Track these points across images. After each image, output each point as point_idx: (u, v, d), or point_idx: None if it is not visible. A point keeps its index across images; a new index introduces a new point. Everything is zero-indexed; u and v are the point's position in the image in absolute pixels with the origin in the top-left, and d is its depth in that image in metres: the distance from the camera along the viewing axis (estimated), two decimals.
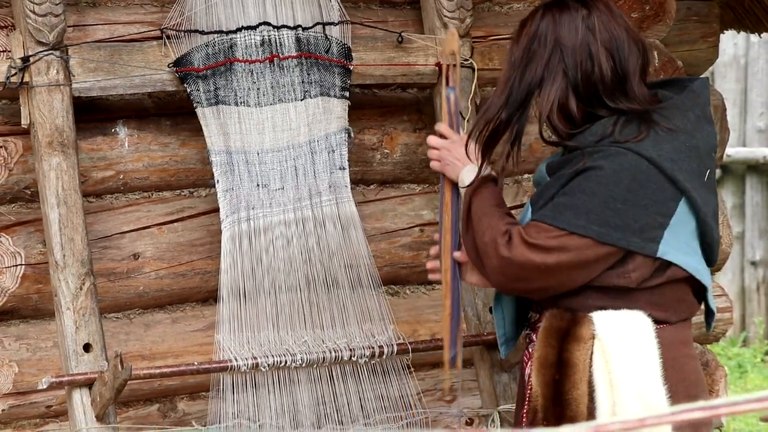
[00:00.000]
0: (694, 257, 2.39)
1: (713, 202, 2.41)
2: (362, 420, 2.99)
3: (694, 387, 2.44)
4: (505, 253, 2.33)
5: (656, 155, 2.29)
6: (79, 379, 2.69)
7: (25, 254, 2.91)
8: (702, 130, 2.38)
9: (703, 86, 2.44)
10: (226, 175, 2.90)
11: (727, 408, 1.06)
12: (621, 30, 2.35)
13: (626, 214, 2.28)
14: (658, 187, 2.30)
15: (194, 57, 2.90)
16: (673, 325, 2.43)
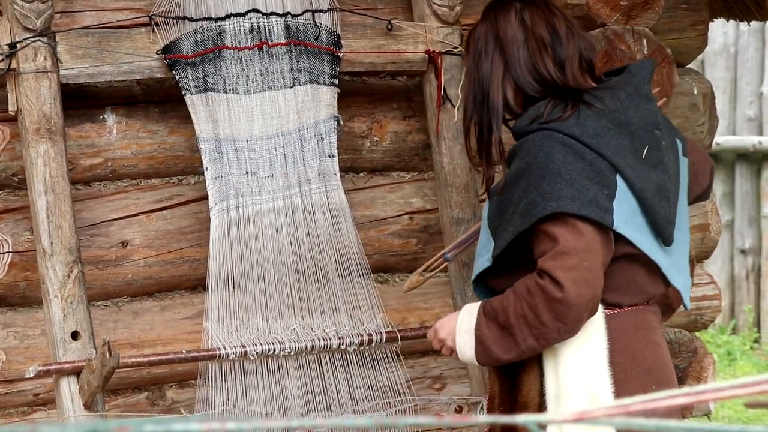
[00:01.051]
0: (640, 233, 2.40)
1: (656, 178, 2.41)
2: (351, 407, 2.99)
3: (650, 373, 2.43)
4: (557, 294, 2.30)
5: (579, 132, 2.35)
6: (66, 367, 2.69)
7: (12, 242, 2.90)
8: (635, 107, 2.42)
9: (641, 66, 2.51)
10: (215, 163, 2.89)
11: (712, 394, 1.06)
12: (557, 20, 2.47)
13: (575, 185, 2.32)
14: (594, 159, 2.34)
15: (183, 44, 2.88)
16: (626, 309, 2.44)
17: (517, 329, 2.36)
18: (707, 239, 3.58)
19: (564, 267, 2.30)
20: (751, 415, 6.07)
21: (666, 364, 2.50)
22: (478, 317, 2.43)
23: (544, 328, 2.33)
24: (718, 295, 3.65)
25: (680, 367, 3.18)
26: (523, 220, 2.36)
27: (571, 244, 2.30)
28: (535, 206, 2.33)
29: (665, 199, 2.43)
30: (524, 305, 2.34)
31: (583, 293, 2.29)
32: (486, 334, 2.41)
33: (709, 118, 3.50)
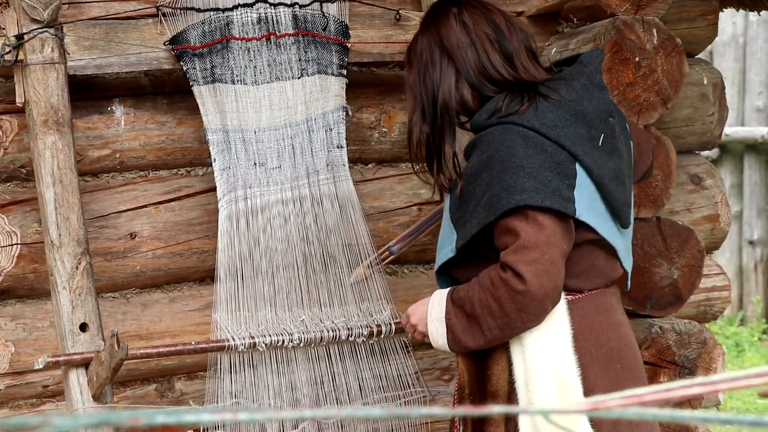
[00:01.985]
0: (600, 218, 2.46)
1: (613, 164, 2.47)
2: (360, 399, 2.99)
3: (614, 353, 2.48)
4: (519, 287, 2.35)
5: (538, 124, 2.40)
6: (75, 359, 2.68)
7: (20, 233, 2.90)
8: (590, 97, 2.47)
9: (592, 56, 2.55)
10: (223, 154, 2.89)
11: (726, 384, 1.05)
12: (496, 17, 2.52)
13: (538, 178, 2.36)
14: (554, 150, 2.39)
15: (190, 35, 2.87)
16: (587, 293, 2.50)
17: (483, 319, 2.42)
18: (717, 230, 3.57)
19: (526, 261, 2.35)
20: (760, 407, 6.06)
21: (630, 342, 2.56)
22: (447, 305, 2.49)
23: (509, 318, 2.39)
24: (728, 286, 3.64)
25: (690, 358, 3.17)
26: (488, 213, 2.40)
27: (532, 238, 2.35)
28: (499, 199, 2.38)
29: (621, 184, 2.49)
30: (488, 296, 2.40)
31: (544, 285, 2.35)
32: (455, 323, 2.47)
33: (719, 108, 3.48)
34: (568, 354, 2.41)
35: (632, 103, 3.10)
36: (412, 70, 2.56)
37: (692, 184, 3.53)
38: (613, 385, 2.45)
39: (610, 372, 2.46)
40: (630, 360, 2.53)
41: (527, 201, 2.35)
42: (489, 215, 2.40)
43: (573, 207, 2.39)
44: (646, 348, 3.13)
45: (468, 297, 2.44)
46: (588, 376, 2.43)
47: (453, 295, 2.49)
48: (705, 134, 3.50)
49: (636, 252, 3.15)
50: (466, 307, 2.44)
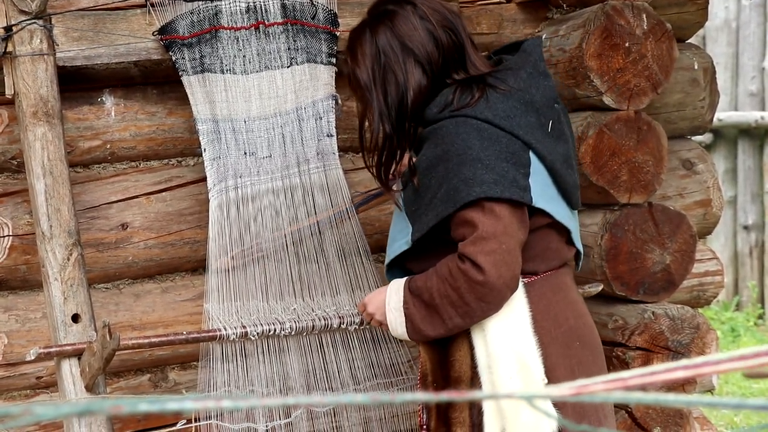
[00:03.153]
0: (553, 202, 2.51)
1: (562, 149, 2.53)
2: (353, 387, 2.99)
3: (573, 332, 2.53)
4: (479, 277, 2.39)
5: (492, 116, 2.42)
6: (67, 350, 2.68)
7: (12, 225, 2.90)
8: (536, 85, 2.50)
9: (534, 45, 2.58)
10: (213, 144, 2.88)
11: (710, 367, 1.05)
12: (444, 9, 2.52)
13: (495, 170, 2.39)
14: (508, 140, 2.42)
15: (179, 24, 2.87)
16: (542, 275, 2.54)
17: (443, 309, 2.45)
18: (709, 215, 3.57)
19: (484, 251, 2.38)
20: (756, 391, 6.07)
21: (587, 320, 2.61)
22: (405, 294, 2.51)
23: (469, 307, 2.42)
24: (721, 270, 3.64)
25: (683, 343, 3.17)
26: (446, 205, 2.42)
27: (490, 229, 2.38)
28: (458, 192, 2.40)
29: (570, 167, 2.55)
30: (447, 287, 2.42)
31: (503, 275, 2.39)
32: (414, 313, 2.49)
33: (710, 93, 3.48)
34: (528, 336, 2.46)
35: (622, 89, 3.10)
36: (362, 69, 2.52)
37: (684, 169, 3.53)
38: (574, 363, 2.51)
39: (570, 350, 2.51)
40: (588, 337, 2.58)
41: (487, 193, 2.38)
42: (448, 207, 2.42)
43: (529, 195, 2.43)
44: (639, 333, 3.14)
45: (426, 287, 2.47)
46: (549, 355, 2.48)
47: (410, 284, 2.51)
48: (696, 119, 3.50)
49: (628, 237, 3.15)
50: (425, 296, 2.47)
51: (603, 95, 3.10)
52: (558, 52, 3.19)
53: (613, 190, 3.12)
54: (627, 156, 3.12)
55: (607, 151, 3.11)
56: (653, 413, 3.19)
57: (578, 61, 3.10)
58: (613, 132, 3.11)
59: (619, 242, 3.15)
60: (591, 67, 3.08)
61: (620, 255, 3.16)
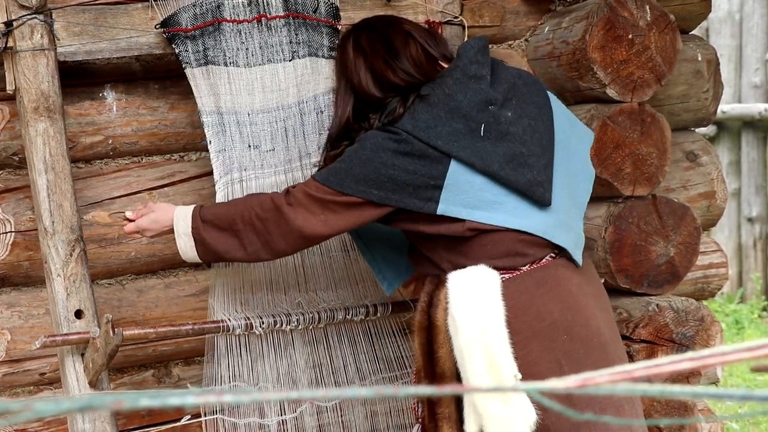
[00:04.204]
0: (492, 207, 2.52)
1: (503, 149, 2.52)
2: (358, 381, 2.98)
3: (558, 325, 2.51)
4: (290, 214, 2.54)
5: (411, 127, 2.51)
6: (72, 338, 2.68)
7: (14, 221, 2.89)
8: (463, 90, 2.53)
9: (468, 47, 2.59)
10: (218, 136, 2.87)
11: (715, 358, 1.04)
12: (395, 32, 2.64)
13: (398, 179, 2.50)
14: (421, 153, 2.50)
15: (181, 17, 2.86)
16: (527, 269, 2.54)
17: (245, 234, 2.58)
18: (713, 207, 3.56)
19: (310, 209, 2.53)
20: (761, 383, 6.06)
21: (581, 313, 2.55)
22: (194, 221, 2.63)
23: (268, 236, 2.56)
24: (725, 263, 3.63)
25: (687, 335, 3.16)
26: (337, 177, 2.53)
27: (335, 210, 2.53)
28: (350, 178, 2.51)
29: (521, 165, 2.53)
30: (253, 215, 2.57)
31: (305, 232, 2.54)
32: (206, 237, 2.61)
33: (713, 84, 3.47)
34: (498, 332, 2.44)
35: (626, 81, 3.09)
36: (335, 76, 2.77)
37: (688, 161, 3.52)
38: (560, 356, 2.49)
39: (555, 343, 2.49)
40: (579, 330, 2.53)
41: (369, 196, 2.51)
42: (336, 179, 2.53)
43: (434, 205, 2.50)
44: (643, 326, 3.13)
45: (228, 213, 2.60)
46: (530, 350, 2.47)
47: (203, 213, 2.63)
48: (700, 111, 3.48)
49: (632, 230, 3.14)
50: (222, 222, 2.60)
51: (606, 87, 3.09)
52: (561, 44, 3.18)
53: (616, 182, 3.11)
54: (631, 148, 3.11)
55: (611, 143, 3.10)
56: (658, 405, 3.18)
57: (581, 53, 3.09)
58: (616, 124, 3.10)
59: (622, 235, 3.14)
60: (594, 59, 3.07)
61: (624, 248, 3.15)
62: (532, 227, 2.54)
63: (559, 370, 2.46)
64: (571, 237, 2.61)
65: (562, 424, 2.46)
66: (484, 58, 2.58)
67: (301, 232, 2.55)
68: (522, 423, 2.39)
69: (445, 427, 2.54)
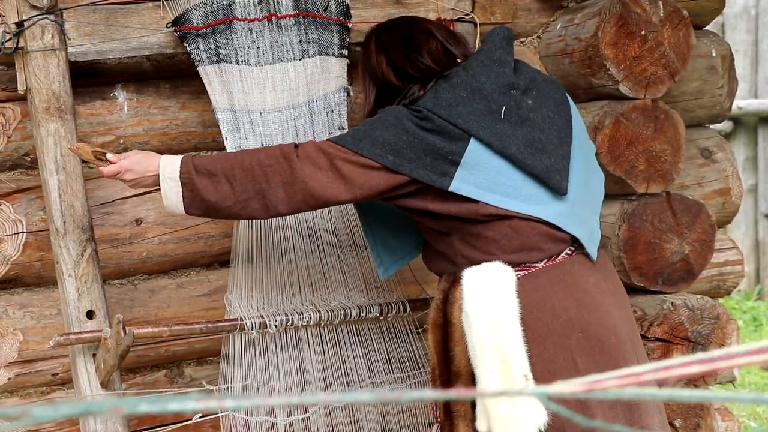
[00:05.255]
0: (509, 192, 2.51)
1: (521, 134, 2.52)
2: (369, 381, 2.97)
3: (574, 322, 2.48)
4: (297, 164, 2.48)
5: (432, 105, 2.51)
6: (86, 336, 2.68)
7: (26, 222, 2.89)
8: (487, 72, 2.54)
9: (493, 34, 2.62)
10: (233, 133, 2.87)
11: (726, 360, 1.02)
12: (415, 29, 2.67)
13: (416, 147, 2.49)
14: (442, 129, 2.49)
15: (193, 15, 2.85)
16: (544, 265, 2.53)
17: (240, 180, 2.49)
18: (728, 204, 3.53)
19: (316, 161, 2.48)
20: None
21: (594, 310, 2.53)
22: (185, 166, 2.52)
23: (268, 186, 2.49)
24: (741, 260, 3.61)
25: (703, 333, 3.14)
26: (355, 140, 2.51)
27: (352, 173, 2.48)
28: (372, 143, 2.49)
29: (539, 151, 2.52)
30: (254, 161, 2.50)
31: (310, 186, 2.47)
32: (196, 182, 2.51)
33: (728, 80, 3.44)
34: (512, 330, 2.43)
35: (639, 77, 3.07)
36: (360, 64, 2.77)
37: (702, 158, 3.49)
38: (576, 354, 2.47)
39: (569, 341, 2.47)
40: (595, 326, 2.50)
41: (385, 163, 2.48)
42: (352, 140, 2.51)
43: (448, 181, 2.48)
44: (658, 324, 3.11)
45: (225, 159, 2.53)
46: (546, 348, 2.46)
47: (195, 159, 2.55)
48: (714, 107, 3.46)
49: (646, 228, 3.12)
50: (215, 168, 2.51)
51: (619, 84, 3.07)
52: (573, 40, 3.16)
53: (630, 179, 3.08)
54: (644, 145, 3.09)
55: (624, 140, 3.08)
56: (674, 405, 3.16)
57: (594, 49, 3.07)
58: (629, 121, 3.08)
59: (637, 232, 3.12)
60: (607, 56, 3.05)
61: (638, 245, 3.12)
62: (547, 215, 2.52)
63: (574, 367, 2.45)
64: (585, 229, 2.58)
65: (577, 425, 2.44)
66: (509, 46, 2.60)
67: (305, 184, 2.48)
68: (529, 423, 2.37)
69: (461, 425, 2.53)
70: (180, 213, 2.56)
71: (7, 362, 2.90)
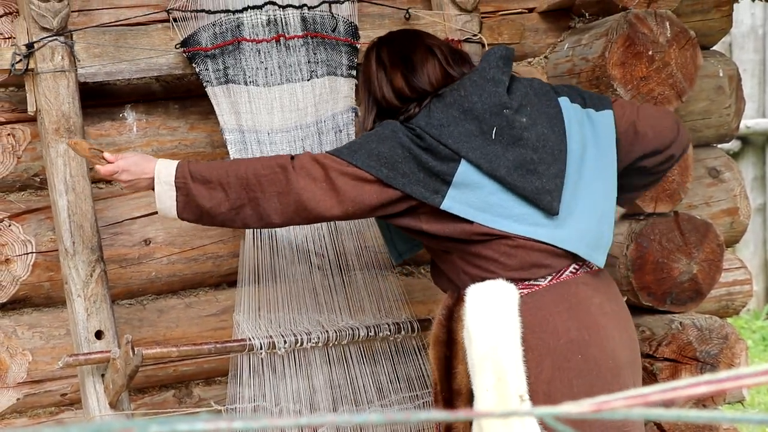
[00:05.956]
0: (500, 212, 2.50)
1: (512, 155, 2.51)
2: (379, 401, 2.97)
3: (575, 344, 2.46)
4: (292, 175, 2.49)
5: (425, 124, 2.53)
6: (94, 357, 2.68)
7: (35, 242, 2.90)
8: (479, 92, 2.54)
9: (490, 53, 2.62)
10: (241, 154, 2.88)
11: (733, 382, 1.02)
12: (415, 47, 2.67)
13: (411, 163, 2.50)
14: (433, 148, 2.50)
15: (201, 36, 2.87)
16: (545, 285, 2.51)
17: (234, 188, 2.49)
18: (736, 223, 3.53)
19: (311, 172, 2.48)
20: None
21: (595, 333, 2.50)
22: (180, 170, 2.52)
23: (260, 193, 2.48)
24: (749, 280, 3.60)
25: (711, 353, 3.13)
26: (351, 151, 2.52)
27: (348, 188, 2.49)
28: (365, 154, 2.49)
29: (530, 173, 2.51)
30: (250, 171, 2.49)
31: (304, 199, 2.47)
32: (191, 187, 2.51)
33: (735, 100, 3.45)
34: (512, 349, 2.42)
35: (647, 97, 3.08)
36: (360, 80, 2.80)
37: (710, 178, 3.49)
38: (573, 376, 2.45)
39: (569, 363, 2.46)
40: (595, 350, 2.48)
41: (379, 176, 2.48)
42: (348, 151, 2.52)
43: (438, 199, 2.49)
44: (666, 344, 3.10)
45: (221, 167, 2.52)
46: (544, 368, 2.45)
47: (191, 164, 2.54)
48: (722, 127, 3.46)
49: (654, 247, 3.12)
50: (210, 175, 2.50)
51: None
52: (581, 61, 3.17)
53: (638, 199, 3.09)
54: None
55: None
56: (683, 425, 3.15)
57: (601, 69, 3.08)
58: None
59: (644, 252, 3.12)
60: (614, 76, 3.06)
61: (646, 265, 3.12)
62: (540, 234, 2.51)
63: (569, 390, 2.44)
64: (586, 242, 2.54)
65: None
66: (506, 66, 2.60)
67: (299, 195, 2.48)
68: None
69: None
70: (172, 217, 2.56)
71: (16, 382, 2.90)
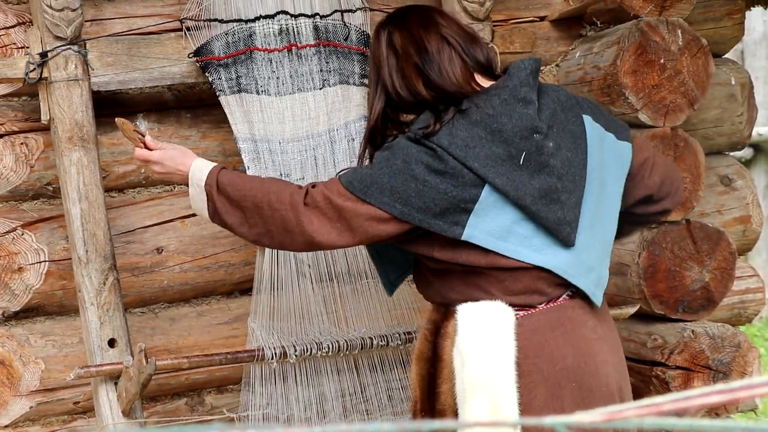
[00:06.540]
0: (520, 240, 2.37)
1: (537, 183, 2.36)
2: (390, 409, 2.97)
3: (570, 371, 2.36)
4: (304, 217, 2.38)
5: (447, 143, 2.35)
6: (105, 369, 2.69)
7: (48, 251, 2.91)
8: (509, 113, 2.37)
9: (519, 68, 2.42)
10: (255, 163, 2.89)
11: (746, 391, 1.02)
12: (429, 35, 2.46)
13: (426, 196, 2.34)
14: (455, 173, 2.34)
15: (214, 46, 2.88)
16: (542, 307, 2.40)
17: (249, 214, 2.43)
18: (748, 231, 3.52)
19: (327, 216, 2.37)
20: None
21: (590, 359, 2.40)
22: (210, 178, 2.48)
23: (277, 229, 2.41)
24: (762, 288, 3.60)
25: (724, 362, 3.13)
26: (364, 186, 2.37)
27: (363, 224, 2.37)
28: (378, 191, 2.36)
29: (553, 202, 2.37)
30: (265, 202, 2.41)
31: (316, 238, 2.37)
32: (216, 200, 2.48)
33: (747, 108, 3.45)
34: (507, 374, 2.31)
35: (658, 105, 3.08)
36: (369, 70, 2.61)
37: (722, 186, 3.49)
38: (566, 405, 2.35)
39: (562, 391, 2.35)
40: (589, 377, 2.39)
41: (392, 210, 2.35)
42: (361, 185, 2.37)
43: (458, 230, 2.35)
44: (678, 353, 3.10)
45: (243, 187, 2.45)
46: (536, 396, 2.34)
47: (221, 176, 2.48)
48: (734, 135, 3.46)
49: (666, 255, 3.12)
50: (232, 193, 2.45)
51: (638, 112, 3.08)
52: (592, 69, 3.17)
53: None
54: None
55: None
56: None
57: (613, 78, 3.08)
58: None
59: (656, 260, 3.12)
60: (626, 84, 3.06)
61: (658, 273, 3.12)
62: (556, 266, 2.39)
63: None
64: (591, 279, 2.45)
65: None
66: (534, 82, 2.42)
67: (312, 238, 2.38)
68: None
69: None
70: (207, 218, 2.54)
71: (29, 391, 2.91)
